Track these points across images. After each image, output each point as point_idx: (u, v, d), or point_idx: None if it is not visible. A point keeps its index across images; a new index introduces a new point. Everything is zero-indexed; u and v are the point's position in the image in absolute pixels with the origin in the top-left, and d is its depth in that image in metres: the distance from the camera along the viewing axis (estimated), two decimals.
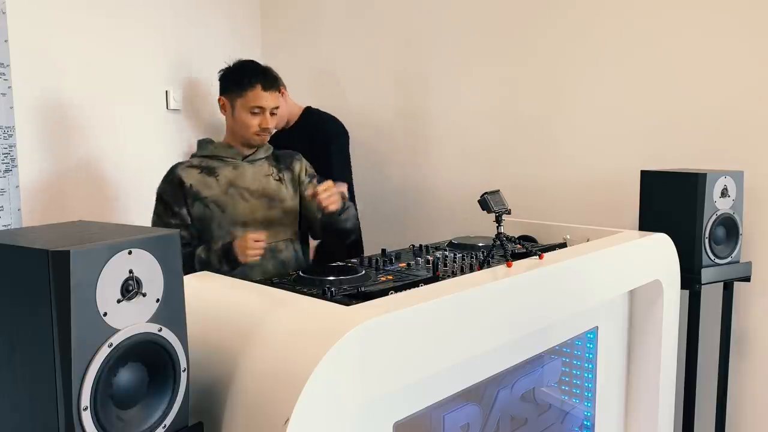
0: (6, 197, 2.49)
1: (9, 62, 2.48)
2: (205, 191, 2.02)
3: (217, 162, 2.08)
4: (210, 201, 2.02)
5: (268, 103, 2.05)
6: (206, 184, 2.03)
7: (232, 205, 2.03)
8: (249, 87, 2.03)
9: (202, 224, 2.04)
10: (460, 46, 2.96)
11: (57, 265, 0.92)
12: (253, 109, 2.04)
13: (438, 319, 1.32)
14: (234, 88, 2.06)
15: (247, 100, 2.04)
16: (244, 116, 2.05)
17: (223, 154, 2.10)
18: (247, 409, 1.12)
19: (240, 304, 1.40)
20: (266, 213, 2.08)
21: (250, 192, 2.07)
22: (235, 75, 2.08)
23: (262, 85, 2.04)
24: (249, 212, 2.05)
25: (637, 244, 2.01)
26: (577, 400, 1.98)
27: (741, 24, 2.29)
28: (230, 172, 2.07)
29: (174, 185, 2.03)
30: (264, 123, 2.06)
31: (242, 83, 2.04)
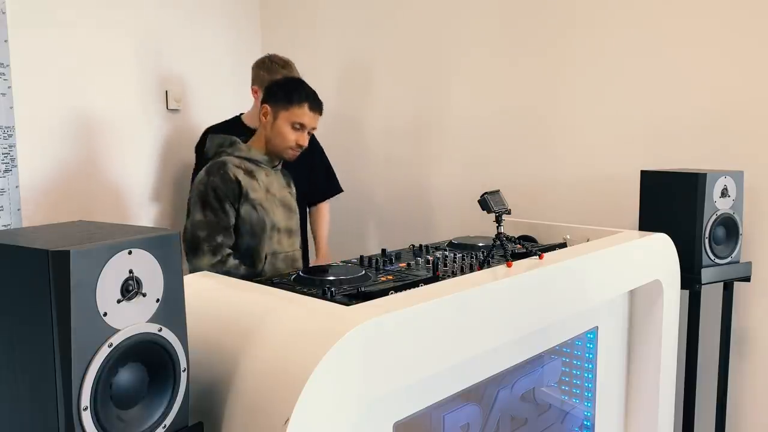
0: (6, 197, 2.49)
1: (9, 62, 2.48)
2: (252, 193, 2.03)
3: (254, 165, 2.09)
4: (257, 203, 2.03)
5: (310, 122, 2.10)
6: (252, 186, 2.04)
7: (270, 210, 2.07)
8: (297, 103, 2.07)
9: (248, 224, 2.03)
10: (461, 48, 2.96)
11: (57, 265, 0.92)
12: (295, 125, 2.08)
13: (438, 319, 1.32)
14: (282, 100, 2.09)
15: (292, 114, 2.07)
16: (284, 129, 2.08)
17: (259, 159, 2.11)
18: (247, 409, 1.12)
19: (240, 304, 1.40)
20: (288, 222, 2.14)
21: (278, 200, 2.12)
22: (287, 88, 2.12)
23: (309, 105, 2.08)
24: (280, 219, 2.10)
25: (637, 244, 2.01)
26: (577, 400, 1.98)
27: (741, 24, 2.29)
28: (264, 178, 2.10)
29: (228, 183, 1.99)
30: (301, 140, 2.10)
31: (292, 98, 2.08)
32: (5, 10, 2.47)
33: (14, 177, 2.52)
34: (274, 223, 2.07)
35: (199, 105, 3.31)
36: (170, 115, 3.17)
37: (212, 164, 2.05)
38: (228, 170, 2.01)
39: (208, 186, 1.99)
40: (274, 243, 2.07)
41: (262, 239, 2.04)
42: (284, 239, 2.10)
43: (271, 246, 2.06)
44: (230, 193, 1.99)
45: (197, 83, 3.29)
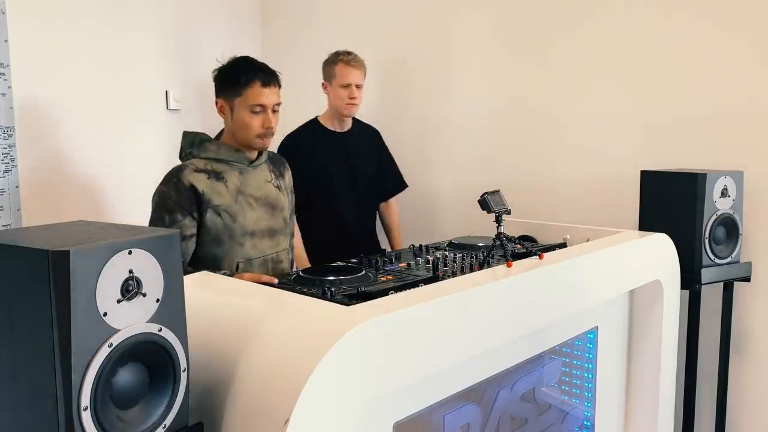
0: (6, 197, 2.49)
1: (9, 62, 2.48)
2: (216, 198, 1.86)
3: (223, 165, 1.92)
4: (222, 209, 1.86)
5: (269, 100, 1.91)
6: (217, 191, 1.87)
7: (241, 214, 1.90)
8: (246, 84, 1.89)
9: (213, 233, 1.88)
10: (461, 48, 2.96)
11: (57, 265, 0.92)
12: (254, 108, 1.89)
13: (438, 319, 1.32)
14: (231, 88, 1.92)
15: (246, 98, 1.89)
16: (245, 117, 1.90)
17: (230, 158, 1.93)
18: (247, 409, 1.12)
19: (240, 304, 1.40)
20: (270, 222, 1.97)
21: (255, 199, 1.94)
22: (231, 73, 1.93)
23: (261, 81, 1.89)
24: (255, 221, 1.93)
25: (637, 244, 2.01)
26: (577, 400, 1.98)
27: (741, 24, 2.29)
28: (237, 177, 1.93)
29: (181, 191, 1.83)
30: (267, 122, 1.91)
31: (239, 81, 1.89)
32: (5, 10, 2.47)
33: (14, 177, 2.52)
34: (245, 228, 1.90)
35: (199, 105, 3.31)
36: (170, 115, 3.17)
37: (169, 172, 1.90)
38: (182, 177, 1.85)
39: (161, 196, 1.85)
40: (247, 249, 1.90)
41: (230, 246, 1.88)
42: (262, 242, 1.94)
43: (242, 252, 1.89)
44: (184, 201, 1.83)
45: (197, 83, 3.29)
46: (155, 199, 1.88)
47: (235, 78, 1.91)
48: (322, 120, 2.73)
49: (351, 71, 2.62)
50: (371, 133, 2.86)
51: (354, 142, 2.74)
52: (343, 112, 2.66)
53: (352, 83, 2.61)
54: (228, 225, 1.87)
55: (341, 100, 2.63)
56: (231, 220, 1.88)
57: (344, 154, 2.70)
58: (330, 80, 2.65)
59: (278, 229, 2.00)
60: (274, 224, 1.99)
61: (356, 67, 2.64)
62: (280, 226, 2.01)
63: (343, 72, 2.62)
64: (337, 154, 2.68)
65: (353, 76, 2.62)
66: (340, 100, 2.63)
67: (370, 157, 2.79)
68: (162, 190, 1.86)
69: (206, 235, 1.87)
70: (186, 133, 2.01)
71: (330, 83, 2.66)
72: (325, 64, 2.70)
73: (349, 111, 2.67)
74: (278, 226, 2.00)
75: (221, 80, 1.96)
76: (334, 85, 2.64)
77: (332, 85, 2.65)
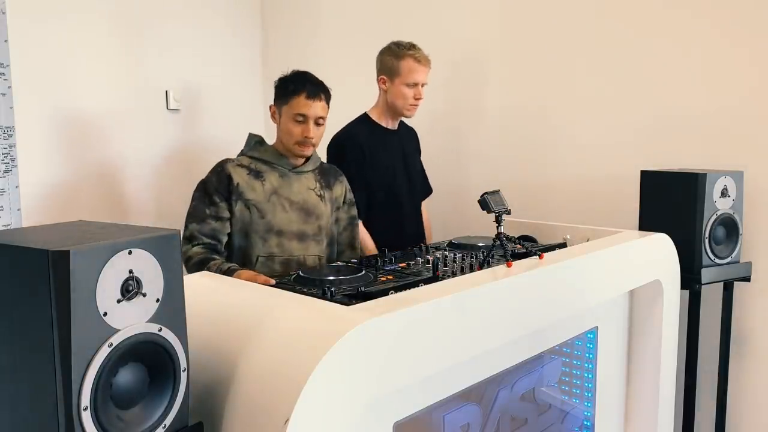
0: (6, 197, 2.49)
1: (9, 62, 2.48)
2: (249, 193, 2.02)
3: (266, 166, 2.07)
4: (252, 204, 2.01)
5: (312, 111, 2.02)
6: (252, 187, 2.03)
7: (271, 212, 2.03)
8: (293, 94, 2.02)
9: (240, 224, 2.03)
10: (460, 47, 2.96)
11: (57, 265, 0.92)
12: (297, 117, 2.02)
13: (438, 319, 1.32)
14: (281, 96, 2.07)
15: (291, 107, 2.02)
16: (288, 124, 2.04)
17: (273, 160, 2.08)
18: (247, 409, 1.12)
19: (240, 304, 1.40)
20: (301, 226, 2.07)
21: (291, 203, 2.06)
22: (283, 83, 2.08)
23: (307, 93, 2.01)
24: (286, 223, 2.04)
25: (637, 244, 2.01)
26: (577, 400, 1.98)
27: (741, 25, 2.29)
28: (276, 179, 2.06)
29: (221, 179, 2.02)
30: (306, 132, 2.02)
31: (287, 90, 2.04)
32: (5, 10, 2.47)
33: (14, 177, 2.52)
34: (273, 226, 2.02)
35: (199, 105, 3.31)
36: (170, 115, 3.17)
37: (216, 164, 2.09)
38: (225, 168, 2.04)
39: (205, 181, 2.05)
40: (271, 246, 2.02)
41: (254, 240, 2.01)
42: (290, 243, 2.04)
43: (266, 248, 2.02)
44: (221, 187, 2.01)
45: (197, 83, 3.29)
46: (200, 185, 2.07)
47: (285, 87, 2.06)
48: (374, 116, 2.51)
49: (420, 69, 2.39)
50: (413, 133, 2.72)
51: (404, 141, 2.59)
52: (405, 113, 2.46)
53: (419, 82, 2.40)
54: (255, 220, 2.02)
55: (404, 100, 2.41)
56: (259, 215, 2.02)
57: (400, 152, 2.54)
58: (392, 76, 2.40)
59: (310, 234, 2.09)
60: (307, 229, 2.08)
61: (426, 64, 2.42)
62: (312, 232, 2.10)
63: (412, 69, 2.38)
64: (395, 152, 2.51)
65: (422, 74, 2.40)
66: (402, 100, 2.41)
67: (416, 157, 2.67)
68: (208, 176, 2.06)
69: (234, 225, 2.03)
70: (250, 135, 2.17)
71: (391, 79, 2.41)
72: (386, 57, 2.43)
73: (412, 112, 2.46)
74: (310, 232, 2.09)
75: (276, 88, 2.11)
76: (397, 82, 2.39)
77: (394, 83, 2.40)
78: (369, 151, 2.41)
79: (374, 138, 2.45)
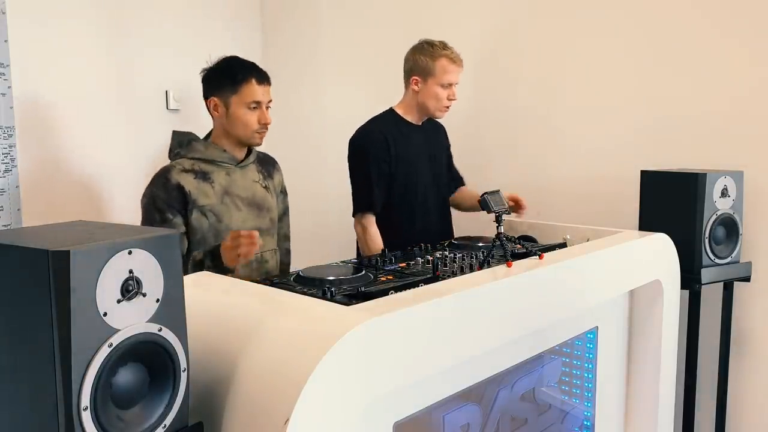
0: (6, 197, 2.49)
1: (9, 62, 2.49)
2: (202, 199, 1.90)
3: (210, 166, 1.96)
4: (207, 210, 1.90)
5: (264, 97, 1.97)
6: (203, 192, 1.91)
7: (227, 214, 1.94)
8: (243, 82, 1.93)
9: (198, 234, 1.91)
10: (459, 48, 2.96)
11: (57, 265, 0.92)
12: (251, 105, 1.94)
13: (438, 319, 1.32)
14: (226, 86, 1.96)
15: (242, 96, 1.94)
16: (242, 113, 1.94)
17: (217, 158, 1.97)
18: (247, 409, 1.12)
19: (240, 304, 1.40)
20: (255, 222, 2.00)
21: (242, 200, 1.98)
22: (225, 72, 1.97)
23: (256, 79, 1.95)
24: (242, 222, 1.96)
25: (637, 244, 2.01)
26: (577, 400, 1.98)
27: (741, 24, 2.29)
28: (224, 178, 1.96)
29: (170, 190, 1.88)
30: (263, 118, 1.96)
31: (235, 79, 1.94)
32: (5, 10, 2.47)
33: (14, 177, 2.52)
34: (231, 229, 1.91)
35: (199, 105, 3.30)
36: (170, 115, 3.17)
37: (157, 173, 1.95)
38: (170, 177, 1.90)
39: (150, 198, 1.90)
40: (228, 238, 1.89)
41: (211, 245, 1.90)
42: None
43: None
44: (173, 201, 1.87)
45: (197, 83, 3.29)
46: (144, 201, 1.92)
47: (232, 76, 1.95)
48: (400, 111, 2.45)
49: (455, 69, 2.34)
50: (440, 128, 2.63)
51: (430, 136, 2.52)
52: (437, 114, 2.41)
53: (453, 83, 2.35)
54: (213, 225, 1.91)
55: (438, 101, 2.35)
56: (216, 220, 1.91)
57: (425, 147, 2.47)
58: (425, 76, 2.34)
59: (264, 229, 2.02)
60: (261, 224, 2.01)
61: (460, 64, 2.36)
62: (266, 226, 2.03)
63: (447, 70, 2.32)
64: (419, 147, 2.45)
65: (456, 75, 2.35)
66: (436, 101, 2.35)
67: (443, 153, 2.61)
68: (151, 191, 1.91)
69: (192, 235, 1.91)
70: (175, 133, 2.05)
71: (424, 79, 2.35)
72: (419, 56, 2.36)
73: (444, 113, 2.41)
74: (264, 226, 2.03)
75: (214, 78, 2.00)
76: (431, 82, 2.33)
77: (427, 83, 2.34)
78: (394, 144, 2.37)
79: (399, 132, 2.41)
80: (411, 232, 2.36)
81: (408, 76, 2.42)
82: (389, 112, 2.48)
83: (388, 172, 2.35)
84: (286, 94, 3.57)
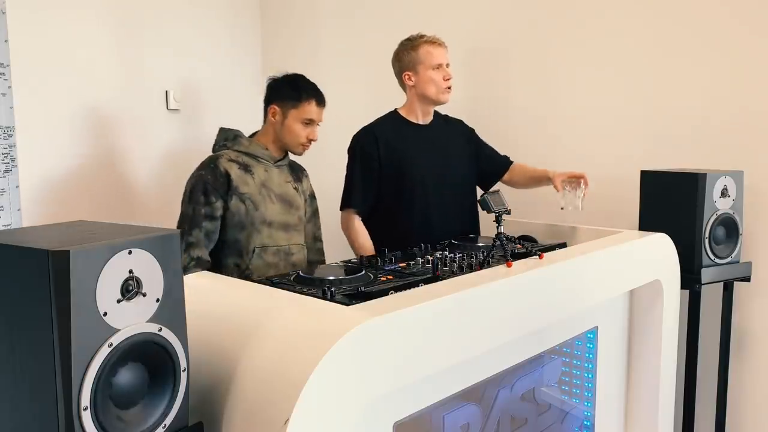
0: (6, 197, 2.49)
1: (9, 62, 2.48)
2: (243, 187, 2.11)
3: (251, 160, 2.17)
4: (246, 197, 2.10)
5: (318, 117, 2.20)
6: (244, 181, 2.11)
7: (263, 204, 2.13)
8: (306, 100, 2.16)
9: (236, 216, 2.10)
10: (460, 49, 2.96)
11: (57, 265, 0.92)
12: (305, 121, 2.17)
13: (438, 319, 1.32)
14: (288, 99, 2.17)
15: (301, 112, 2.16)
16: (295, 126, 2.17)
17: (258, 154, 2.18)
18: (247, 409, 1.12)
19: (240, 304, 1.40)
20: (285, 217, 2.20)
21: (275, 194, 2.18)
22: (292, 86, 2.19)
23: (316, 101, 2.18)
24: (274, 214, 2.16)
25: (637, 244, 2.01)
26: (577, 400, 1.98)
27: (741, 24, 2.29)
28: (262, 173, 2.17)
29: (217, 175, 2.08)
30: (312, 135, 2.19)
31: (300, 96, 2.16)
32: (5, 10, 2.47)
33: (14, 177, 2.52)
34: (265, 218, 2.13)
35: (199, 105, 3.31)
36: (170, 115, 3.17)
37: (207, 158, 2.14)
38: (219, 164, 2.10)
39: (198, 179, 2.09)
40: (264, 237, 2.12)
41: (250, 232, 2.11)
42: (278, 233, 2.16)
43: (260, 239, 2.11)
44: (218, 184, 2.08)
45: (197, 83, 3.29)
46: (192, 182, 2.11)
47: (297, 92, 2.17)
48: (404, 113, 2.45)
49: (438, 49, 2.35)
50: (457, 123, 2.58)
51: (442, 135, 2.48)
52: (440, 98, 2.37)
53: (443, 63, 2.35)
54: (250, 212, 2.11)
55: (436, 85, 2.34)
56: (254, 208, 2.11)
57: (434, 148, 2.42)
58: (415, 67, 2.35)
59: (292, 225, 2.22)
60: (289, 219, 2.21)
61: (443, 45, 2.38)
62: (294, 222, 2.23)
63: (431, 52, 2.34)
64: (426, 149, 2.41)
65: (442, 54, 2.35)
66: (434, 85, 2.34)
67: (462, 150, 2.52)
68: (200, 174, 2.11)
69: (230, 219, 2.10)
70: (222, 129, 2.27)
71: (416, 70, 2.35)
72: (402, 53, 2.40)
73: (446, 95, 2.38)
74: (292, 222, 2.22)
75: (281, 89, 2.20)
76: (421, 70, 2.34)
77: (419, 72, 2.35)
78: (386, 143, 2.37)
79: (395, 131, 2.41)
80: (409, 227, 2.35)
81: (400, 77, 2.44)
82: (391, 112, 2.50)
83: (378, 169, 2.35)
84: None
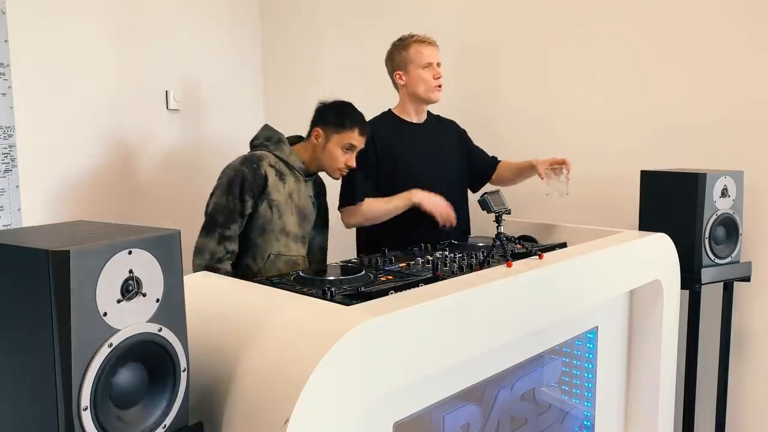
0: (6, 197, 2.49)
1: (9, 62, 2.48)
2: (274, 193, 2.11)
3: (287, 168, 2.18)
4: (275, 204, 2.10)
5: (360, 144, 2.22)
6: (277, 188, 2.12)
7: (286, 214, 2.14)
8: (350, 128, 2.17)
9: (261, 220, 2.09)
10: (460, 49, 2.96)
11: (57, 265, 0.92)
12: (346, 146, 2.18)
13: (438, 319, 1.32)
14: (334, 124, 2.18)
15: (343, 138, 2.17)
16: (335, 151, 2.18)
17: (295, 166, 2.19)
18: (247, 409, 1.12)
19: (240, 304, 1.40)
20: (299, 229, 2.20)
21: (296, 207, 2.19)
22: (340, 113, 2.21)
23: (360, 130, 2.19)
24: (292, 225, 2.17)
25: (637, 244, 2.01)
26: (577, 400, 1.98)
27: (741, 24, 2.29)
28: (292, 183, 2.18)
29: (258, 177, 2.08)
30: (350, 161, 2.20)
31: (344, 123, 2.18)
32: (5, 10, 2.47)
33: (14, 177, 2.52)
34: (284, 227, 2.13)
35: (199, 105, 3.31)
36: (170, 115, 3.17)
37: (251, 155, 2.14)
38: (261, 165, 2.10)
39: (238, 173, 2.07)
40: (281, 245, 2.13)
41: (269, 238, 2.11)
42: (292, 244, 2.16)
43: (277, 247, 2.12)
44: (255, 186, 2.07)
45: (197, 83, 3.29)
46: (231, 174, 2.08)
47: (342, 119, 2.19)
48: (398, 112, 2.49)
49: (429, 48, 2.39)
50: (449, 123, 2.62)
51: (435, 134, 2.51)
52: (431, 96, 2.41)
53: (433, 62, 2.39)
54: (274, 219, 2.11)
55: (425, 84, 2.38)
56: (278, 215, 2.12)
57: (428, 146, 2.46)
58: (406, 66, 2.40)
59: (303, 237, 2.24)
60: (302, 232, 2.23)
61: (434, 44, 2.41)
62: (304, 235, 2.25)
63: (420, 51, 2.38)
64: (421, 147, 2.45)
65: (432, 54, 2.39)
66: (423, 84, 2.38)
67: (455, 149, 2.55)
68: (240, 168, 2.08)
69: (255, 221, 2.09)
70: (267, 126, 2.27)
71: (406, 69, 2.40)
72: (393, 53, 2.45)
73: (436, 94, 2.42)
74: (303, 235, 2.24)
75: (327, 114, 2.22)
76: (412, 70, 2.39)
77: (409, 71, 2.39)
78: (380, 141, 2.39)
79: (389, 129, 2.44)
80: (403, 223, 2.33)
81: (393, 77, 2.48)
82: (385, 112, 2.53)
83: (375, 165, 2.37)
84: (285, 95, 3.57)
